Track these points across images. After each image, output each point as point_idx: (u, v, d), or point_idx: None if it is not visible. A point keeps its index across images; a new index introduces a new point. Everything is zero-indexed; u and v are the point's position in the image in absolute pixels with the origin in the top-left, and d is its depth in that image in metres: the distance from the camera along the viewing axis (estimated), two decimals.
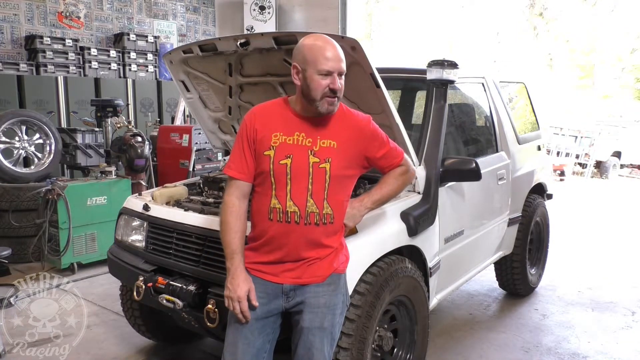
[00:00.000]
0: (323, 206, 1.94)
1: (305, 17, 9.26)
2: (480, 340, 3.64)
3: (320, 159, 1.92)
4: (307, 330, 1.97)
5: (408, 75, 3.65)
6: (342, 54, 1.91)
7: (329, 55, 1.87)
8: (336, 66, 1.88)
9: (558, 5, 18.93)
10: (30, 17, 7.25)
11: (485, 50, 18.89)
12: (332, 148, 1.94)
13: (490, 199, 3.67)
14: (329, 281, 2.00)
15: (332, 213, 1.96)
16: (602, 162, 13.64)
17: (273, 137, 1.93)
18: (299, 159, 1.91)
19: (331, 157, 1.93)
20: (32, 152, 5.58)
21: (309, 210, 1.93)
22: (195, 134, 6.14)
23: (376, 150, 2.06)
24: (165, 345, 3.49)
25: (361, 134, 2.01)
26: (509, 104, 4.23)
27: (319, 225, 1.94)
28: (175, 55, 3.17)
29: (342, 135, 1.96)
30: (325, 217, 1.95)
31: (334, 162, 1.93)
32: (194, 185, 3.37)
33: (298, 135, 1.93)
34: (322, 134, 1.95)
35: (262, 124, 1.96)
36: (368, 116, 2.09)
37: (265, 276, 1.99)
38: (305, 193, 1.92)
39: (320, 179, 1.92)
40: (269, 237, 1.96)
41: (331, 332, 2.02)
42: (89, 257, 4.99)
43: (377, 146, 2.05)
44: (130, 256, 2.84)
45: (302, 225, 1.93)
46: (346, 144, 1.96)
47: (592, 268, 5.35)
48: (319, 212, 1.94)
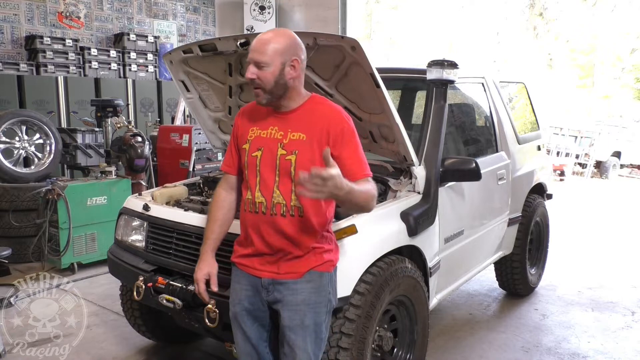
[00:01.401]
0: (291, 198, 1.93)
1: (305, 17, 9.26)
2: (480, 340, 3.64)
3: (288, 151, 1.92)
4: (287, 329, 1.97)
5: (408, 75, 3.65)
6: (270, 45, 1.87)
7: (252, 46, 1.91)
8: (251, 56, 1.90)
9: (558, 5, 18.93)
10: (30, 17, 7.25)
11: (485, 50, 18.89)
12: (300, 140, 1.93)
13: (490, 199, 3.67)
14: (308, 278, 1.97)
15: (300, 207, 1.93)
16: (602, 162, 13.64)
17: (250, 132, 2.02)
18: (268, 151, 1.95)
19: (298, 149, 1.92)
20: (32, 152, 5.57)
21: (275, 201, 1.94)
22: (195, 134, 6.14)
23: (339, 148, 1.91)
24: (165, 345, 3.49)
25: (330, 127, 1.93)
26: (509, 104, 4.23)
27: (285, 217, 1.93)
28: (175, 55, 3.17)
29: (312, 127, 1.93)
30: (293, 209, 1.93)
31: (300, 154, 1.91)
32: (194, 185, 3.37)
33: (272, 129, 1.97)
34: (293, 126, 1.95)
35: (243, 120, 2.08)
36: (342, 114, 1.98)
37: (247, 269, 2.04)
38: (272, 185, 1.94)
39: (287, 171, 1.93)
40: (244, 228, 2.03)
41: (315, 331, 1.99)
42: (89, 257, 4.99)
43: (340, 144, 1.92)
44: (130, 256, 2.84)
45: (268, 216, 1.95)
46: (315, 137, 1.92)
47: (592, 268, 5.35)
48: (286, 203, 1.93)
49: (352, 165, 1.92)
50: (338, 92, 2.77)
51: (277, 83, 1.89)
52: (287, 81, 1.90)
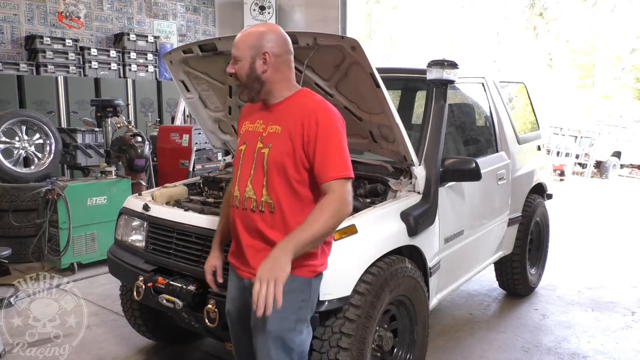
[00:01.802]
0: (262, 193, 1.86)
1: (305, 17, 9.26)
2: (480, 340, 3.64)
3: (264, 145, 1.89)
4: (254, 330, 1.92)
5: (408, 75, 3.65)
6: (243, 39, 1.87)
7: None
8: (232, 51, 1.90)
9: (558, 5, 18.94)
10: (30, 17, 7.25)
11: (485, 50, 18.90)
12: (276, 133, 1.87)
13: (490, 199, 3.67)
14: None
15: (272, 202, 1.85)
16: (602, 162, 13.64)
17: (242, 127, 2.04)
18: (250, 145, 1.94)
19: (272, 142, 1.87)
20: (32, 152, 5.57)
21: (247, 196, 1.90)
22: (195, 134, 6.14)
23: (313, 145, 1.80)
24: (165, 345, 3.49)
25: (304, 119, 1.81)
26: (509, 104, 4.23)
27: (255, 212, 1.87)
28: (175, 55, 3.17)
29: (288, 120, 1.85)
30: (263, 205, 1.86)
31: (273, 147, 1.86)
32: (194, 185, 3.37)
33: (258, 122, 1.96)
34: (273, 120, 1.91)
35: (242, 116, 2.10)
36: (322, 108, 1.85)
37: (235, 268, 2.03)
38: (247, 178, 1.91)
39: (261, 164, 1.88)
40: (230, 223, 2.02)
41: (281, 338, 1.85)
42: (89, 257, 4.99)
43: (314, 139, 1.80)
44: (130, 256, 2.84)
45: (241, 210, 1.92)
46: (290, 131, 1.84)
47: (592, 268, 5.35)
48: (257, 198, 1.87)
49: (320, 165, 1.80)
50: (338, 92, 2.77)
51: (249, 77, 1.87)
52: (259, 75, 1.86)
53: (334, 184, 1.79)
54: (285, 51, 1.90)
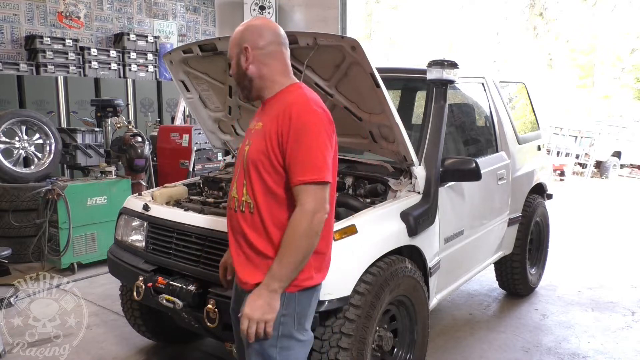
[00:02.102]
0: (242, 193, 1.81)
1: (305, 17, 9.26)
2: (480, 340, 3.64)
3: (249, 142, 1.85)
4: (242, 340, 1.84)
5: (408, 75, 3.65)
6: (233, 37, 1.87)
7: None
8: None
9: (558, 5, 18.94)
10: (30, 17, 7.25)
11: (485, 50, 18.90)
12: (258, 130, 1.81)
13: (490, 199, 3.67)
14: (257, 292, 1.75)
15: (251, 202, 1.77)
16: (602, 162, 13.65)
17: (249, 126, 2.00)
18: (243, 143, 1.91)
19: (253, 140, 1.81)
20: (32, 152, 5.57)
21: (232, 195, 1.87)
22: (195, 134, 6.14)
23: (286, 143, 1.70)
24: (165, 345, 3.49)
25: (279, 116, 1.73)
26: (509, 103, 4.23)
27: (237, 212, 1.83)
28: (175, 55, 3.17)
29: (268, 117, 1.79)
30: (244, 204, 1.80)
31: (252, 144, 1.80)
32: (194, 185, 3.37)
33: (255, 120, 1.92)
34: (261, 116, 1.86)
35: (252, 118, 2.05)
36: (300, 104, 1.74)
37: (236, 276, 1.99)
38: (235, 177, 1.90)
39: (242, 163, 1.84)
40: None
41: (261, 354, 1.76)
42: (89, 257, 4.99)
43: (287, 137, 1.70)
44: (130, 256, 2.84)
45: (228, 209, 1.90)
46: (267, 127, 1.76)
47: (592, 268, 5.35)
48: (238, 198, 1.83)
49: (289, 166, 1.70)
50: (338, 92, 2.77)
51: (238, 74, 1.86)
52: (244, 71, 1.83)
53: (301, 190, 1.68)
54: (268, 42, 1.81)
